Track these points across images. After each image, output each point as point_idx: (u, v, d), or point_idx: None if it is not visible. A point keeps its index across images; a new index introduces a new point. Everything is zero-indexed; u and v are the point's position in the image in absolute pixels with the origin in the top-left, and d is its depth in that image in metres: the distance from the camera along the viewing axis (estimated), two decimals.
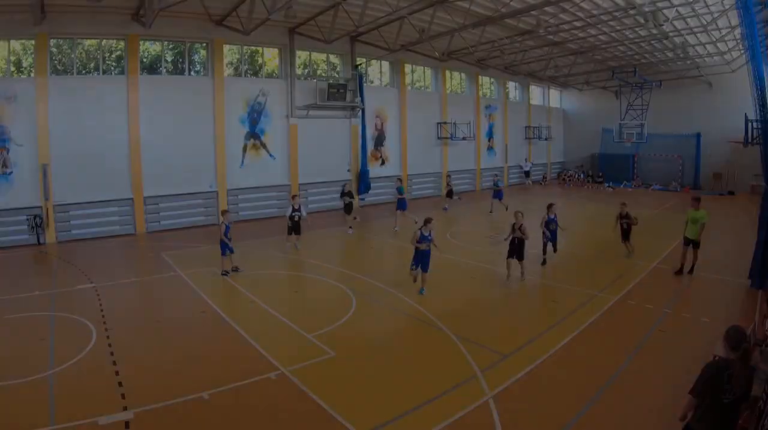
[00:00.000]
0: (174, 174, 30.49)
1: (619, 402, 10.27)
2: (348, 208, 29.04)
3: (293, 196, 26.45)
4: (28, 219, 25.91)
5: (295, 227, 23.94)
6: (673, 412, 6.98)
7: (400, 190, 29.84)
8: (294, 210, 23.67)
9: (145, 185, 29.47)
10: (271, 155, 34.69)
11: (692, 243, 19.16)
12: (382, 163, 41.57)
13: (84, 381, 11.26)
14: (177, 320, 15.58)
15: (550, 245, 21.64)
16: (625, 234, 22.27)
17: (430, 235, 17.40)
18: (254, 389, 10.91)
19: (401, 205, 29.30)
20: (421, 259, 17.37)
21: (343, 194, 29.55)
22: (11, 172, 25.78)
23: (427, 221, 17.62)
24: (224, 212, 20.65)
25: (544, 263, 21.20)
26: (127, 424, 9.43)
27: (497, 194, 35.82)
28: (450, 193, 37.41)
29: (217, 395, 10.54)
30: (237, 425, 9.60)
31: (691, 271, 19.41)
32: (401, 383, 11.21)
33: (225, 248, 19.37)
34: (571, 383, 11.10)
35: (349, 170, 38.67)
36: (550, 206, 21.71)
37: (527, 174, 54.54)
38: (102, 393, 10.62)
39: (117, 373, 11.55)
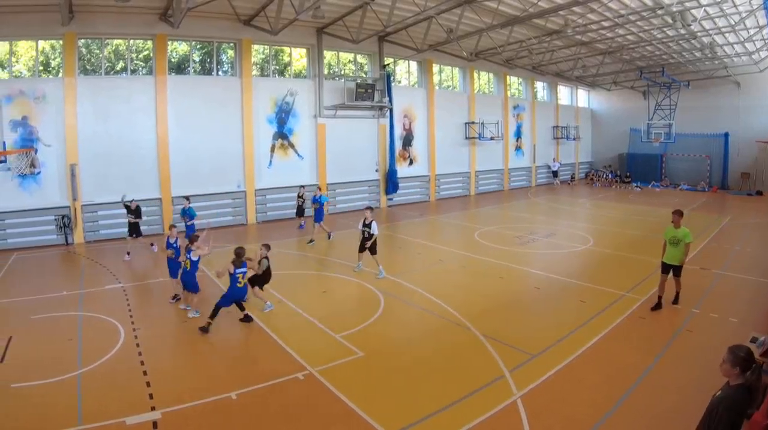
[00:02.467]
0: (202, 174, 30.29)
1: (647, 402, 10.13)
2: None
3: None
4: (56, 219, 25.78)
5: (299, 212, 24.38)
6: (700, 413, 6.47)
7: (316, 200, 26.19)
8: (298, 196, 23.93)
9: (173, 185, 29.26)
10: (299, 155, 34.37)
11: (673, 269, 15.40)
12: (410, 163, 41.01)
13: (112, 381, 11.14)
14: (204, 319, 14.95)
15: None
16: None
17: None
18: (282, 389, 10.82)
19: (318, 216, 26.06)
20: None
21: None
22: (39, 173, 25.59)
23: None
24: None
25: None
26: (155, 424, 9.39)
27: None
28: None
29: (245, 395, 10.46)
30: (265, 425, 9.54)
31: (675, 301, 15.71)
32: (429, 383, 11.08)
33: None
34: (600, 382, 10.97)
35: (377, 170, 38.30)
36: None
37: (555, 174, 53.76)
38: (130, 393, 10.56)
39: (145, 373, 11.48)
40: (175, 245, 16.79)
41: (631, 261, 21.49)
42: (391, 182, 38.34)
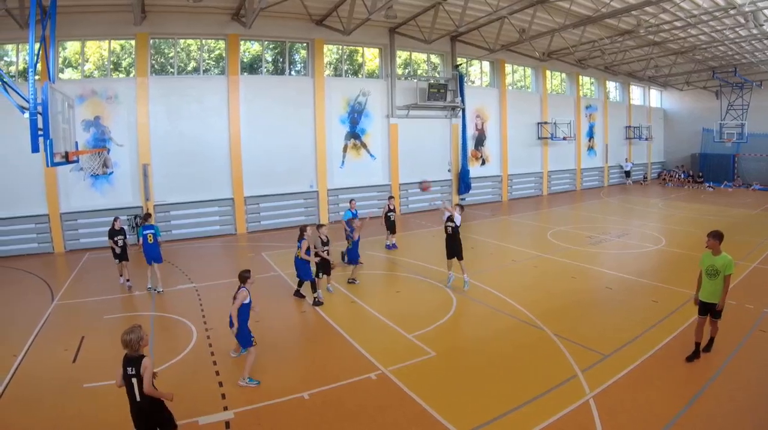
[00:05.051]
0: (274, 174, 29.78)
1: (719, 402, 9.72)
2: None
3: (389, 198, 24.82)
4: (128, 219, 25.28)
5: (390, 226, 23.04)
6: None
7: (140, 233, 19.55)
8: (389, 210, 22.55)
9: (245, 185, 28.80)
10: (371, 155, 33.51)
11: (710, 309, 11.48)
12: (483, 163, 39.75)
13: (184, 381, 10.94)
14: (277, 320, 15.03)
15: None
16: None
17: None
18: (354, 389, 10.61)
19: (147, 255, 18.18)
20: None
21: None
22: (112, 173, 25.54)
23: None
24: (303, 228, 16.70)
25: None
26: (227, 424, 9.26)
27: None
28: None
29: (317, 395, 10.30)
30: (337, 426, 9.27)
31: (708, 347, 11.81)
32: (501, 383, 10.79)
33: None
34: (672, 382, 10.54)
35: (449, 170, 37.18)
36: None
37: (627, 174, 52.40)
38: (202, 393, 10.44)
39: (217, 373, 11.38)
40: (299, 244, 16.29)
41: None
42: (463, 182, 37.30)
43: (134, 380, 7.47)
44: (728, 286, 11.23)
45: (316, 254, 16.18)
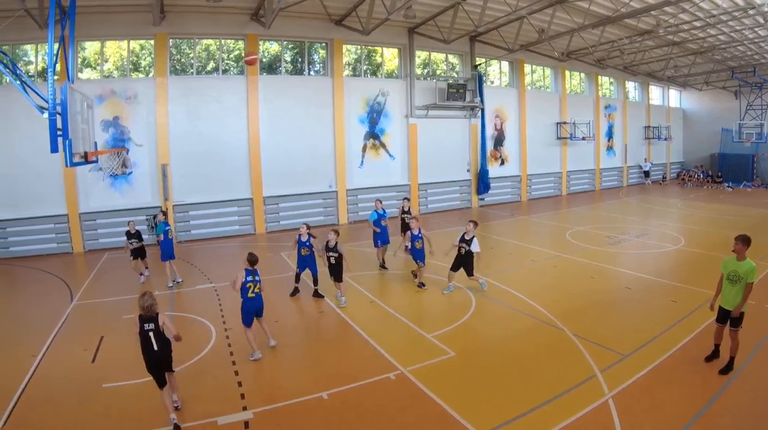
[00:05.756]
0: (293, 174, 29.59)
1: (739, 402, 9.71)
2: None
3: (405, 199, 24.04)
4: (147, 219, 25.13)
5: (405, 229, 22.00)
6: None
7: (160, 229, 18.66)
8: (404, 212, 22.03)
9: (264, 185, 28.65)
10: (390, 155, 33.24)
11: (729, 317, 10.84)
12: (502, 163, 39.36)
13: (203, 381, 11.08)
14: (296, 319, 15.27)
15: None
16: None
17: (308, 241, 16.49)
18: (374, 389, 10.63)
19: (165, 252, 18.54)
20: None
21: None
22: (131, 173, 25.48)
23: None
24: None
25: None
26: (246, 424, 9.25)
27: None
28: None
29: (336, 395, 10.30)
30: (357, 426, 9.31)
31: (727, 369, 10.72)
32: (521, 382, 10.80)
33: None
34: (691, 382, 10.53)
35: (468, 170, 36.85)
36: None
37: (647, 174, 51.97)
38: (221, 393, 10.50)
39: (236, 373, 11.40)
40: (308, 244, 16.49)
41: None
42: (482, 182, 36.98)
43: (152, 334, 9.26)
44: (749, 294, 10.61)
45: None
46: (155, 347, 9.29)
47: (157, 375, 9.31)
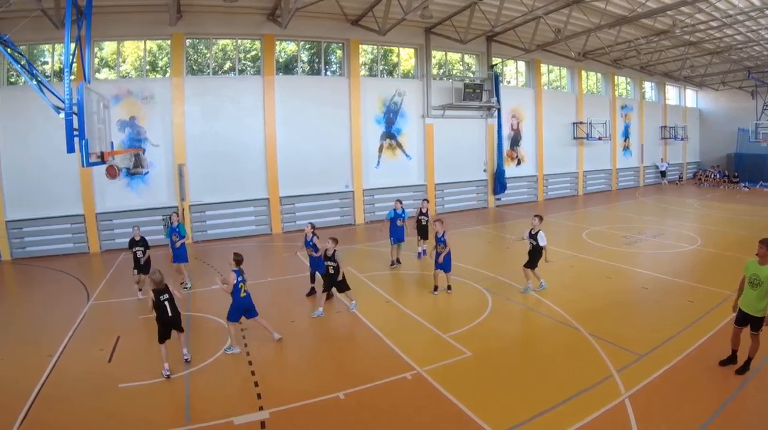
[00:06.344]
0: (309, 174, 29.49)
1: (756, 402, 9.77)
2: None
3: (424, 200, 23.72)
4: (163, 219, 24.83)
5: (421, 231, 21.76)
6: None
7: (177, 231, 18.36)
8: (421, 214, 21.49)
9: (280, 185, 28.53)
10: (407, 155, 33.03)
11: (750, 321, 10.50)
12: (518, 163, 39.08)
13: (220, 381, 11.13)
14: (312, 319, 15.01)
15: None
16: None
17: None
18: (390, 388, 10.60)
19: (179, 256, 18.41)
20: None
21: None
22: (147, 173, 25.40)
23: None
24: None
25: None
26: (262, 424, 9.23)
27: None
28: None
29: (353, 395, 10.25)
30: (373, 426, 9.28)
31: (743, 370, 10.56)
32: (537, 382, 10.74)
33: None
34: (708, 382, 10.47)
35: (485, 170, 36.56)
36: None
37: (663, 174, 51.69)
38: (237, 393, 10.58)
39: (253, 373, 11.35)
40: (311, 243, 16.42)
41: (740, 261, 19.55)
42: (499, 182, 36.73)
43: (167, 303, 11.16)
44: None
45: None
46: (170, 314, 11.19)
47: (165, 332, 11.20)
